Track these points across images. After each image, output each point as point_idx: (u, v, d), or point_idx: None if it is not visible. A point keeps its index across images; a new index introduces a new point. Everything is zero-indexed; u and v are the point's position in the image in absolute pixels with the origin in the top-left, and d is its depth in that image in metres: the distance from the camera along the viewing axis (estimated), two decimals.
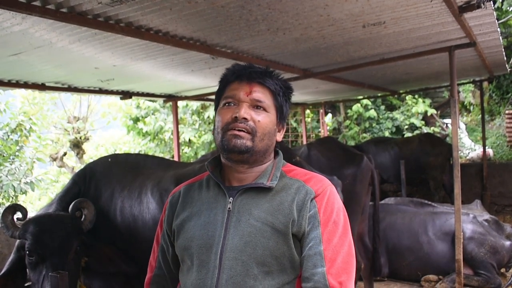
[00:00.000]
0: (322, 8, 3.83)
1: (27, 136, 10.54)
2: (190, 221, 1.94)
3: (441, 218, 6.40)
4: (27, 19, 3.51)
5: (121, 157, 4.40)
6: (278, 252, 1.80)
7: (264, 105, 1.91)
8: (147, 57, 5.11)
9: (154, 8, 3.51)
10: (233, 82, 1.95)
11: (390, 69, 7.36)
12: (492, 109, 15.09)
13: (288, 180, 1.93)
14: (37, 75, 5.81)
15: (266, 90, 1.94)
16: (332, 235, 1.81)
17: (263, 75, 1.95)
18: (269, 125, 1.92)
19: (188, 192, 2.06)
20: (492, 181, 10.65)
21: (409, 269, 6.32)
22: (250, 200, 1.88)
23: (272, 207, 1.85)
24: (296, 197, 1.86)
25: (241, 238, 1.81)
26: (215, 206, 1.91)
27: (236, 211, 1.86)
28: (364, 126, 14.65)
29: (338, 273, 1.77)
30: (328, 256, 1.78)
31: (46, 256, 3.13)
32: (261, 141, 1.89)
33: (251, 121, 1.87)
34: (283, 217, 1.82)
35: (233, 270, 1.78)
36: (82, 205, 3.51)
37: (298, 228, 1.81)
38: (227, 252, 1.80)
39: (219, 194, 1.94)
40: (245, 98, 1.89)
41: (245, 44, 4.90)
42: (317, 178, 1.95)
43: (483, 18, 4.58)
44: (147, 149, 13.97)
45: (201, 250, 1.85)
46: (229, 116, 1.88)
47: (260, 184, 1.89)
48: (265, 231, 1.80)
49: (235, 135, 1.85)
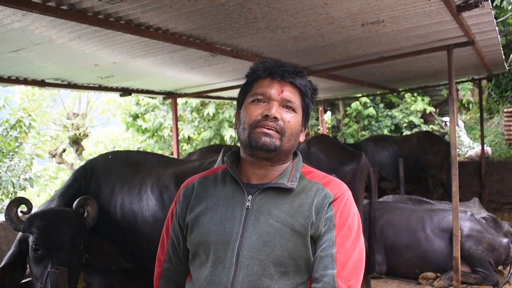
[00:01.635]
0: (321, 7, 3.84)
1: (26, 133, 10.56)
2: (206, 216, 1.93)
3: (439, 215, 6.43)
4: (27, 16, 3.52)
5: (122, 154, 4.42)
6: (296, 254, 1.81)
7: (294, 105, 1.91)
8: (147, 54, 5.12)
9: (154, 6, 3.52)
10: (264, 79, 1.93)
11: (389, 67, 7.38)
12: (491, 107, 15.13)
13: (307, 182, 1.94)
14: (37, 72, 5.82)
15: (296, 91, 1.94)
16: (345, 239, 1.83)
17: (295, 74, 1.94)
18: (296, 125, 1.92)
19: (203, 185, 2.04)
20: (490, 179, 10.69)
21: (407, 266, 6.34)
22: (269, 200, 1.88)
23: (292, 208, 1.85)
24: (315, 199, 1.87)
25: (260, 237, 1.81)
26: (233, 202, 1.91)
27: (255, 209, 1.86)
28: (363, 124, 14.68)
29: (348, 276, 1.79)
30: (339, 259, 1.79)
31: (53, 251, 3.15)
32: (288, 141, 1.89)
33: (280, 121, 1.86)
34: (303, 219, 1.83)
35: (250, 269, 1.78)
36: (86, 202, 3.53)
37: (315, 230, 1.83)
38: (245, 251, 1.81)
39: (237, 190, 1.94)
40: (276, 97, 1.89)
41: (244, 42, 4.91)
42: (335, 182, 1.96)
43: (481, 17, 4.60)
44: (146, 145, 13.98)
45: (218, 246, 1.85)
46: (258, 113, 1.87)
47: (280, 184, 1.89)
48: (284, 232, 1.81)
49: (265, 133, 1.84)
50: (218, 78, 7.25)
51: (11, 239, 5.49)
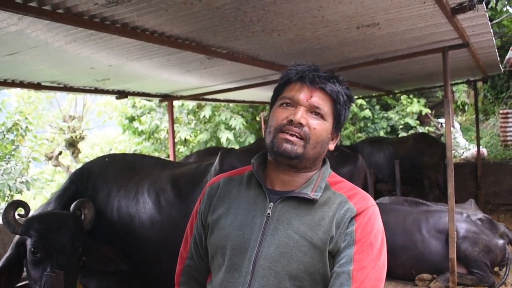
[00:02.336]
0: (316, 10, 3.86)
1: (23, 136, 10.55)
2: (226, 218, 1.89)
3: (435, 217, 6.43)
4: (23, 19, 3.52)
5: (118, 157, 4.43)
6: (313, 269, 1.75)
7: (322, 112, 1.84)
8: (143, 57, 5.13)
9: (149, 9, 3.53)
10: (295, 83, 1.87)
11: (384, 69, 7.40)
12: (486, 109, 15.18)
13: (332, 193, 1.86)
14: (33, 75, 5.82)
15: (327, 97, 1.86)
16: (365, 257, 1.74)
17: (327, 80, 1.87)
18: (323, 133, 1.84)
19: (228, 186, 2.00)
20: (486, 180, 10.72)
21: (404, 268, 6.34)
22: (291, 209, 1.82)
23: (313, 221, 1.79)
24: (337, 213, 1.79)
25: (277, 247, 1.76)
26: (254, 208, 1.86)
27: (276, 218, 1.81)
28: (359, 126, 14.71)
29: None
30: (356, 277, 1.71)
31: (52, 253, 3.16)
32: (313, 149, 1.82)
33: (306, 127, 1.79)
34: (322, 233, 1.76)
35: (265, 279, 1.74)
36: (83, 205, 3.54)
37: (334, 245, 1.76)
38: (261, 260, 1.76)
39: (260, 195, 1.88)
40: (304, 102, 1.82)
41: (240, 44, 4.93)
42: (361, 195, 1.87)
43: (475, 20, 4.62)
44: (143, 148, 13.97)
45: (235, 252, 1.82)
46: (284, 117, 1.81)
47: (303, 194, 1.82)
48: (302, 245, 1.75)
49: (287, 140, 1.79)
50: (214, 80, 7.26)
51: (7, 242, 5.49)
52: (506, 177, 10.68)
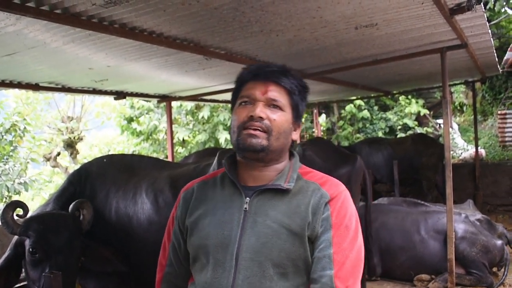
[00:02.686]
0: (314, 10, 3.86)
1: (21, 137, 10.55)
2: (205, 219, 1.93)
3: (434, 217, 6.44)
4: (21, 20, 3.52)
5: (117, 158, 4.42)
6: (294, 255, 1.81)
7: (280, 104, 1.91)
8: (141, 58, 5.13)
9: (147, 10, 3.53)
10: (249, 82, 1.95)
11: (383, 70, 7.40)
12: (484, 110, 15.19)
13: (304, 182, 1.93)
14: (31, 75, 5.82)
15: (282, 89, 1.93)
16: (342, 239, 1.82)
17: (279, 74, 1.94)
18: (284, 124, 1.92)
19: (202, 189, 2.05)
20: (484, 181, 10.73)
21: (402, 268, 6.35)
22: (266, 201, 1.88)
23: (289, 209, 1.85)
24: (312, 200, 1.86)
25: (258, 239, 1.82)
26: (231, 205, 1.91)
27: (253, 211, 1.86)
28: (358, 127, 14.72)
29: (346, 277, 1.79)
30: (336, 260, 1.79)
31: (51, 254, 3.15)
32: (277, 140, 1.89)
33: (266, 120, 1.87)
34: (300, 220, 1.82)
35: (250, 271, 1.79)
36: (81, 206, 3.53)
37: (312, 231, 1.82)
38: (243, 253, 1.81)
39: (235, 193, 1.94)
40: (261, 97, 1.89)
41: (238, 45, 4.93)
42: (332, 181, 1.95)
43: (474, 20, 4.63)
44: (141, 148, 13.96)
45: (217, 249, 1.86)
46: (244, 115, 1.88)
47: (277, 185, 1.89)
48: (281, 233, 1.81)
49: (250, 134, 1.85)
50: (212, 81, 7.26)
51: (5, 243, 5.47)
52: (504, 178, 10.69)
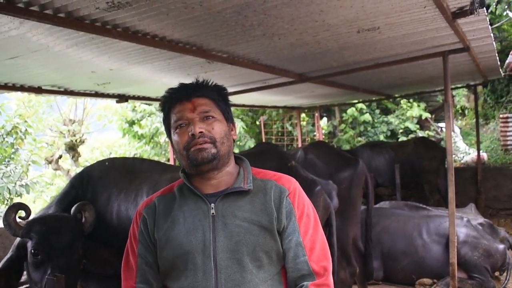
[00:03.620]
0: (317, 14, 3.87)
1: (22, 139, 10.56)
2: (174, 230, 1.99)
3: (436, 221, 6.45)
4: (24, 23, 3.52)
5: (118, 161, 4.43)
6: (267, 247, 1.96)
7: (211, 113, 2.02)
8: (144, 61, 5.13)
9: (151, 14, 3.53)
10: (175, 106, 2.05)
11: (384, 73, 7.40)
12: (486, 113, 15.19)
13: (260, 181, 2.07)
14: (34, 79, 5.82)
15: (207, 100, 2.05)
16: (307, 227, 2.01)
17: (199, 88, 2.07)
18: (222, 128, 2.04)
19: (164, 203, 2.09)
20: (486, 184, 10.71)
21: (404, 272, 6.35)
22: (231, 203, 1.99)
23: (254, 207, 1.98)
24: (272, 195, 2.01)
25: (231, 239, 1.92)
26: (197, 213, 1.99)
27: (220, 215, 1.96)
28: (359, 130, 14.72)
29: (319, 259, 1.98)
30: (307, 246, 1.98)
31: (53, 255, 3.17)
32: (223, 145, 2.01)
33: (206, 132, 1.98)
34: (267, 216, 1.97)
35: (230, 269, 1.91)
36: (83, 208, 3.54)
37: (279, 223, 1.98)
38: (220, 254, 1.91)
39: (198, 201, 2.01)
40: (193, 115, 2.00)
41: (240, 48, 4.93)
42: (285, 177, 2.12)
43: (476, 24, 4.63)
44: (143, 152, 13.98)
45: (193, 255, 1.93)
46: (186, 136, 1.98)
47: (239, 188, 2.01)
48: (252, 229, 1.94)
49: (200, 149, 1.96)
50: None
51: (7, 246, 5.48)
52: (506, 182, 10.68)
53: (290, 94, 9.68)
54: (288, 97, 10.36)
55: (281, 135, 15.36)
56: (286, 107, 12.95)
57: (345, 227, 5.01)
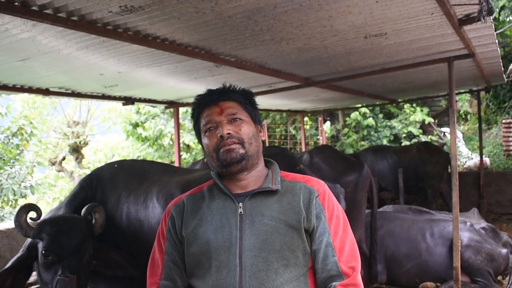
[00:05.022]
0: (326, 20, 3.91)
1: (27, 140, 10.61)
2: (201, 228, 2.06)
3: (439, 225, 6.47)
4: (37, 26, 3.57)
5: (127, 163, 4.47)
6: (294, 246, 1.98)
7: (238, 115, 2.11)
8: (152, 64, 5.18)
9: (162, 18, 3.58)
10: (203, 111, 2.15)
11: (389, 78, 7.44)
12: (489, 118, 15.22)
13: (289, 183, 2.12)
14: (42, 80, 5.87)
15: (234, 103, 2.14)
16: (337, 228, 2.04)
17: (225, 93, 2.17)
18: (250, 129, 2.12)
19: (193, 202, 2.17)
20: (489, 189, 10.74)
21: (407, 276, 6.38)
22: (259, 203, 2.04)
23: (282, 207, 2.03)
24: (301, 196, 2.06)
25: (258, 237, 1.97)
26: (225, 211, 2.05)
27: (248, 213, 2.01)
28: (363, 134, 14.75)
29: (348, 260, 2.00)
30: (337, 247, 2.00)
31: (63, 256, 3.20)
32: (251, 145, 2.08)
33: (234, 133, 2.06)
34: (295, 215, 2.01)
35: (255, 267, 1.93)
36: (94, 209, 3.58)
37: (308, 223, 2.02)
38: (246, 251, 1.95)
39: (227, 200, 2.08)
40: (220, 118, 2.09)
41: (249, 53, 4.98)
42: (314, 179, 2.17)
43: (482, 30, 4.67)
44: (146, 154, 14.02)
45: (219, 252, 1.98)
46: (215, 139, 2.07)
47: (267, 188, 2.07)
48: (280, 228, 1.98)
49: (228, 150, 2.04)
50: None
51: (14, 247, 5.52)
52: (508, 187, 10.70)
53: (295, 98, 9.72)
54: (292, 101, 10.40)
55: (285, 139, 15.40)
56: (290, 111, 13.00)
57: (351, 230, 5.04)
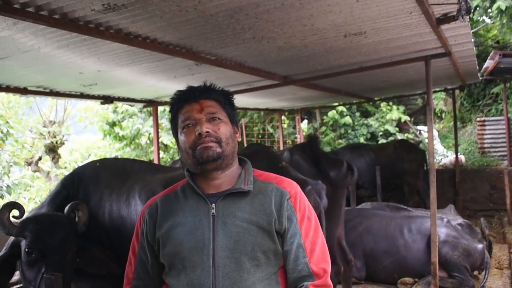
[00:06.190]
0: (307, 18, 3.95)
1: (3, 140, 10.45)
2: (176, 229, 2.07)
3: (417, 222, 6.56)
4: (18, 24, 3.53)
5: (109, 161, 4.46)
6: (265, 247, 2.02)
7: (217, 115, 2.12)
8: (132, 62, 5.16)
9: (145, 16, 3.57)
10: (183, 107, 2.15)
11: (367, 77, 7.53)
12: (463, 117, 15.47)
13: (261, 183, 2.14)
14: (20, 79, 5.80)
15: (214, 102, 2.14)
16: (308, 229, 2.07)
17: (205, 91, 2.18)
18: (227, 129, 2.13)
19: (166, 203, 2.18)
20: (464, 186, 10.94)
21: (386, 272, 6.45)
22: (231, 204, 2.06)
23: (254, 208, 2.05)
24: (273, 198, 2.08)
25: (230, 238, 1.99)
26: (198, 213, 2.06)
27: (221, 215, 2.03)
28: (340, 132, 14.84)
29: (319, 261, 2.04)
30: (308, 248, 2.04)
31: (47, 254, 3.19)
32: (228, 145, 2.10)
33: (213, 132, 2.07)
34: (266, 217, 2.03)
35: (228, 267, 1.96)
36: (77, 207, 3.57)
37: (279, 225, 2.04)
38: (219, 252, 1.98)
39: (200, 201, 2.09)
40: (200, 116, 2.09)
41: (229, 51, 5.00)
42: (287, 180, 2.19)
43: (458, 30, 4.77)
44: (124, 153, 13.90)
45: (192, 253, 2.00)
46: (193, 136, 2.07)
47: (239, 189, 2.08)
48: (251, 229, 2.01)
49: (206, 147, 2.05)
50: None
51: None
52: (483, 184, 10.91)
53: (273, 97, 9.76)
54: (270, 100, 10.44)
55: (262, 137, 15.44)
56: (268, 110, 13.04)
57: (330, 227, 5.09)
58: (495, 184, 10.85)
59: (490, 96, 14.85)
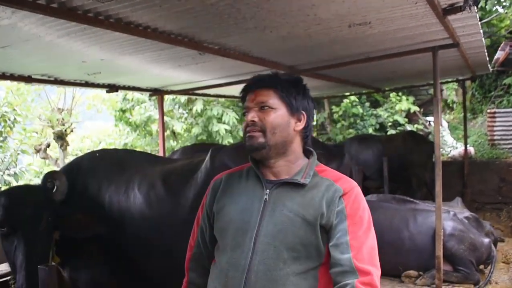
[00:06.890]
0: (309, 8, 3.90)
1: (11, 127, 10.49)
2: (229, 206, 2.18)
3: (423, 215, 6.50)
4: (17, 13, 3.51)
5: (109, 152, 4.46)
6: (307, 241, 2.02)
7: (269, 104, 2.13)
8: (135, 51, 5.13)
9: (144, 5, 3.54)
10: (246, 96, 2.22)
11: (374, 67, 7.43)
12: (474, 108, 15.30)
13: (319, 179, 2.14)
14: (24, 68, 5.81)
15: (269, 91, 2.15)
16: (357, 228, 2.02)
17: (266, 79, 2.21)
18: (276, 119, 2.12)
19: (229, 180, 2.29)
20: (472, 179, 10.80)
21: (390, 264, 6.39)
22: (284, 193, 2.11)
23: (304, 201, 2.07)
24: (325, 194, 2.07)
25: (275, 225, 2.04)
26: (253, 195, 2.15)
27: (272, 201, 2.09)
28: (349, 122, 14.75)
29: (363, 260, 1.95)
30: (353, 245, 1.97)
31: (17, 227, 3.27)
32: (274, 135, 2.11)
33: (258, 121, 2.11)
34: (313, 211, 2.04)
35: (265, 253, 2.02)
36: (54, 176, 3.59)
37: (326, 221, 2.03)
38: (261, 237, 2.04)
39: (257, 185, 2.17)
40: (252, 105, 2.15)
41: (232, 41, 4.95)
42: (345, 178, 2.18)
43: (466, 20, 4.67)
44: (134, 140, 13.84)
45: (237, 232, 2.10)
46: (245, 123, 2.17)
47: (295, 180, 2.11)
48: (296, 221, 2.03)
49: (250, 137, 2.13)
50: (205, 76, 7.28)
51: None
52: (492, 176, 10.78)
53: None
54: None
55: None
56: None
57: None
58: (504, 176, 10.72)
59: (502, 87, 14.66)
